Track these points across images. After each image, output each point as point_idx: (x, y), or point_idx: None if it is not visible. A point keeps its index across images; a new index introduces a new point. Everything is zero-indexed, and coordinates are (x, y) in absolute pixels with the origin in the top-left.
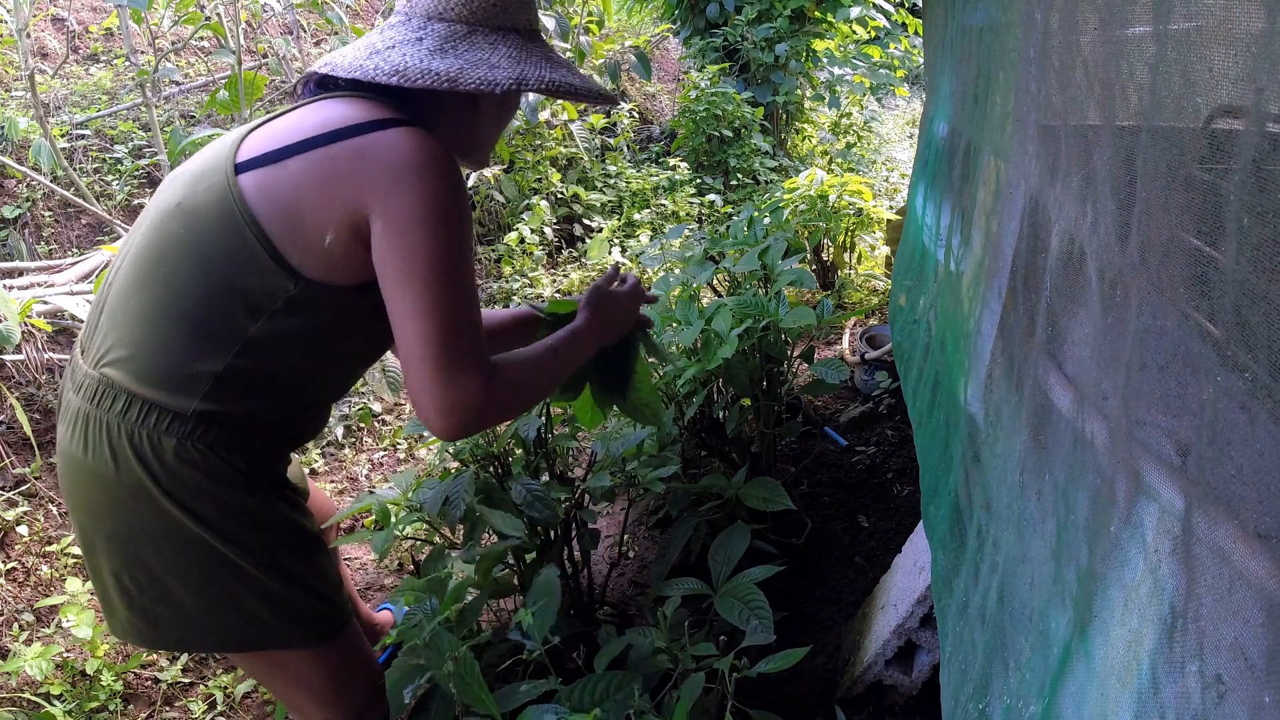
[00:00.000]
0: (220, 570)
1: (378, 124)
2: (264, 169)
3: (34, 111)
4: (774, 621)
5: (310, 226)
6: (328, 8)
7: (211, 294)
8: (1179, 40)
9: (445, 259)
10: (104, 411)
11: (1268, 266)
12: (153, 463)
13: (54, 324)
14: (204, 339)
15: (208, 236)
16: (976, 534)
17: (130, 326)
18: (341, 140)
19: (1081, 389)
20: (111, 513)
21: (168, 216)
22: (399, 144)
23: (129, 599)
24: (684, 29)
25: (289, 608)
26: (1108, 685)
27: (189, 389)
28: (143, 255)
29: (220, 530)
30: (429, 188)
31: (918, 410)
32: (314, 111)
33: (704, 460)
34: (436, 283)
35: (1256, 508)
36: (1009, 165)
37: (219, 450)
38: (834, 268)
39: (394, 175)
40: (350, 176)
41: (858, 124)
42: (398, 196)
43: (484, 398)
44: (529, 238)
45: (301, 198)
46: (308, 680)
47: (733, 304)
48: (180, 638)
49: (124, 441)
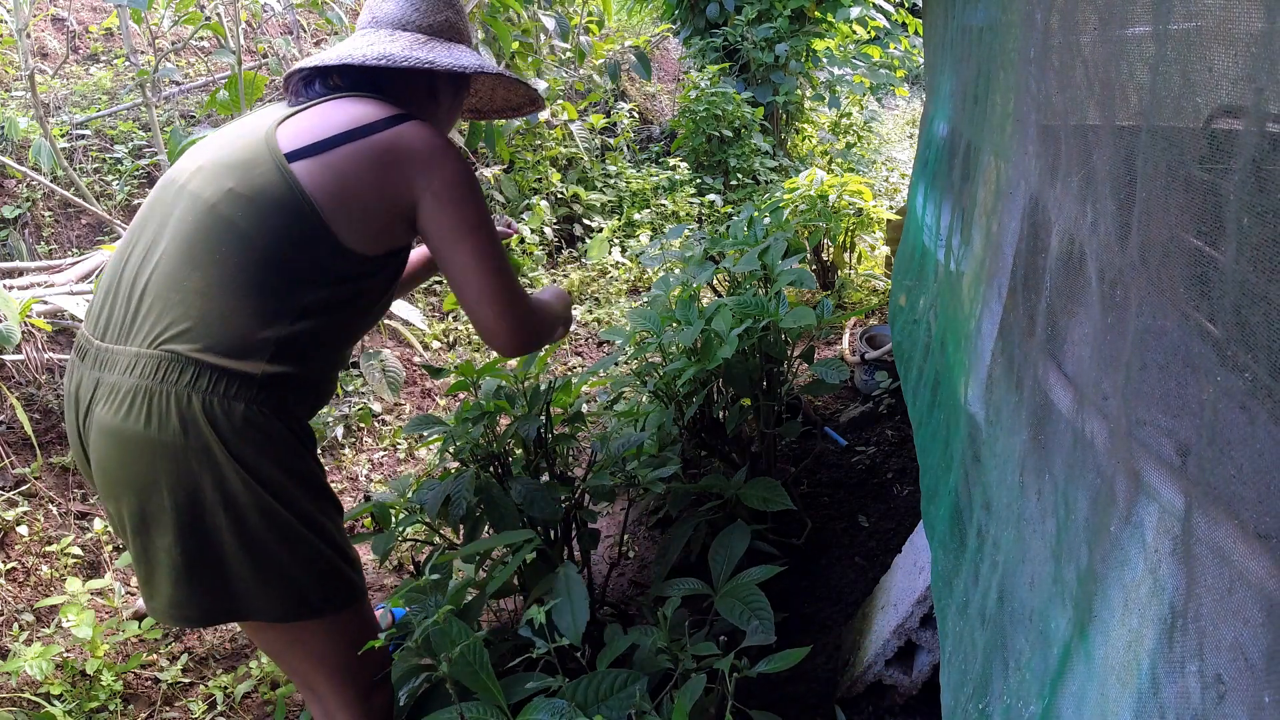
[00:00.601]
0: (273, 532)
1: (396, 119)
2: (314, 158)
3: (34, 111)
4: (774, 622)
5: (359, 207)
6: (328, 8)
7: (271, 269)
8: (1179, 40)
9: (484, 217)
10: (170, 385)
11: (1267, 266)
12: (224, 426)
13: (54, 324)
14: (266, 310)
15: (268, 219)
16: (976, 534)
17: (190, 303)
18: (376, 133)
19: (1081, 389)
20: (175, 482)
21: (219, 201)
22: (423, 134)
23: (176, 574)
24: (684, 29)
25: (325, 571)
26: (1108, 685)
27: (256, 354)
28: (194, 238)
29: (277, 488)
30: (457, 164)
31: (918, 410)
32: (337, 109)
33: (704, 460)
34: (485, 235)
35: (1256, 508)
36: (1009, 165)
37: (280, 413)
38: (834, 268)
39: (429, 159)
40: (395, 164)
41: (858, 124)
42: (438, 174)
43: (532, 325)
44: (529, 238)
45: (352, 182)
46: (322, 654)
47: (733, 304)
48: (226, 609)
49: (195, 408)
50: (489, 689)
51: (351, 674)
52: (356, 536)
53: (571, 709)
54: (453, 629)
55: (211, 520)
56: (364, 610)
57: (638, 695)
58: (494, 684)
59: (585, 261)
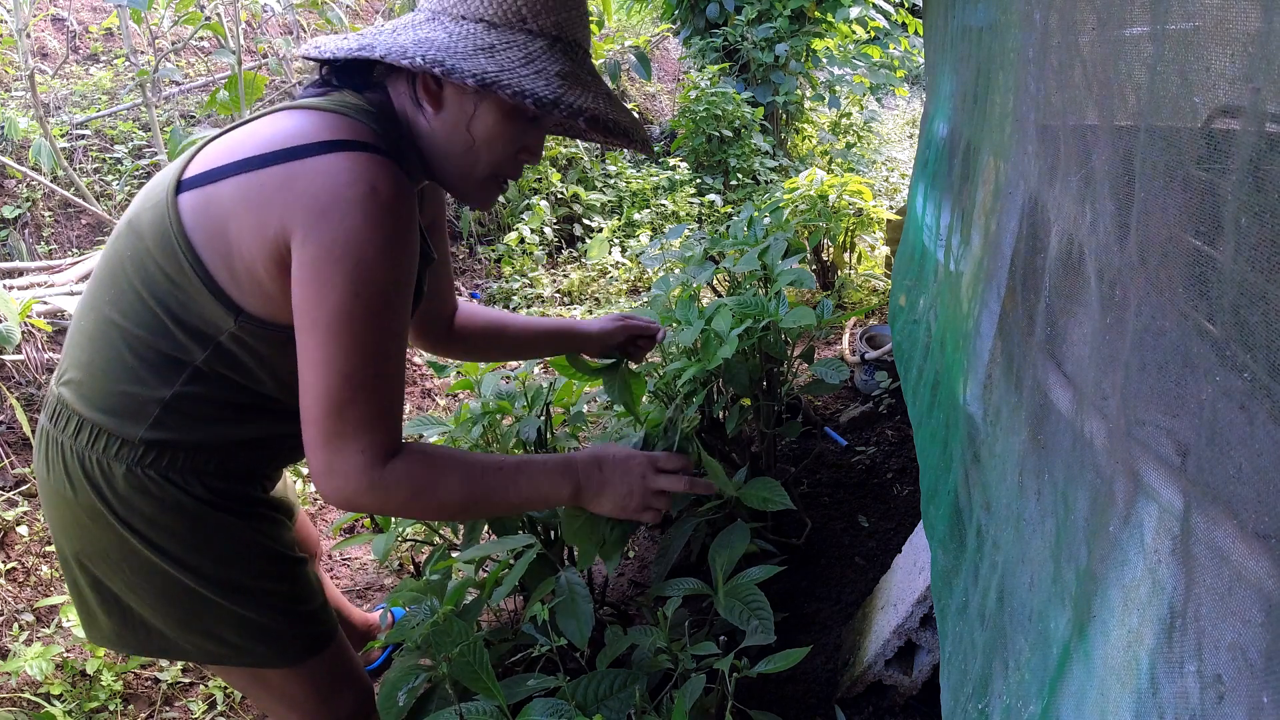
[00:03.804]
0: (182, 596)
1: (323, 145)
2: (201, 189)
3: (34, 111)
4: (774, 621)
5: (238, 257)
6: (328, 8)
7: (156, 320)
8: (1176, 40)
9: (358, 309)
10: (59, 432)
11: (1266, 266)
12: (105, 489)
13: (54, 324)
14: (150, 365)
15: (150, 258)
16: (976, 534)
17: (81, 347)
18: (278, 164)
19: (1080, 389)
20: (75, 533)
21: (120, 234)
22: (334, 170)
23: (107, 610)
24: (684, 29)
25: (262, 631)
26: (1107, 685)
27: (136, 415)
28: (98, 273)
29: (178, 560)
30: (356, 224)
31: (917, 410)
32: (267, 124)
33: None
34: (344, 335)
35: (1256, 507)
36: (1008, 165)
37: (173, 477)
38: (834, 268)
39: (320, 206)
40: (275, 205)
41: (858, 124)
42: (319, 229)
43: (364, 482)
44: (529, 238)
45: (229, 224)
46: (291, 696)
47: (733, 304)
48: (162, 648)
49: (77, 466)
50: (489, 689)
51: (326, 710)
52: (357, 537)
53: (571, 709)
54: (453, 629)
55: (116, 576)
56: (332, 653)
57: (637, 695)
58: (494, 684)
59: (585, 261)
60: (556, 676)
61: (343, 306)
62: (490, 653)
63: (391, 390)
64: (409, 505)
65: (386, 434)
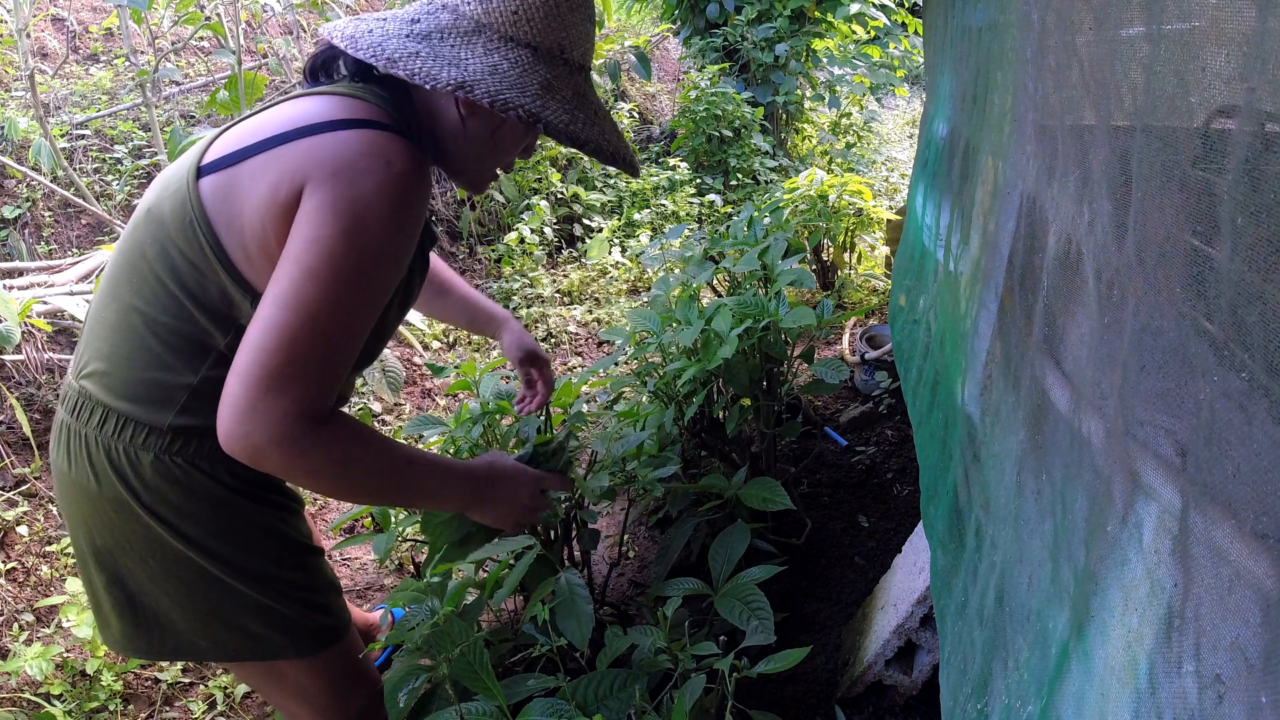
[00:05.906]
0: (207, 586)
1: (346, 123)
2: (222, 172)
3: (34, 111)
4: (774, 621)
5: (253, 233)
6: (328, 8)
7: (179, 305)
8: (1173, 41)
9: (346, 260)
10: (83, 425)
11: (1263, 265)
12: (131, 478)
13: (54, 324)
14: (176, 351)
15: (172, 245)
16: (975, 534)
17: (104, 338)
18: (300, 138)
19: (1079, 388)
20: (97, 527)
21: (139, 223)
22: (353, 143)
23: (120, 611)
24: (684, 29)
25: (283, 620)
26: (1106, 685)
27: (164, 402)
28: (117, 263)
29: (205, 548)
30: (366, 190)
31: (917, 410)
32: (289, 107)
33: (704, 460)
34: (322, 277)
35: (1254, 507)
36: (1007, 165)
37: (200, 464)
38: (834, 268)
39: (335, 166)
40: (289, 169)
41: (858, 124)
42: (329, 185)
43: (284, 433)
44: (529, 238)
45: (246, 204)
46: (304, 690)
47: (733, 304)
48: (175, 648)
49: (102, 456)
50: (489, 689)
51: (338, 706)
52: (356, 537)
53: (571, 709)
54: (453, 629)
55: (138, 568)
56: (346, 648)
57: (637, 695)
58: (494, 684)
59: (585, 261)
60: (556, 676)
61: (331, 251)
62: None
63: (346, 355)
64: (319, 474)
65: (324, 395)
